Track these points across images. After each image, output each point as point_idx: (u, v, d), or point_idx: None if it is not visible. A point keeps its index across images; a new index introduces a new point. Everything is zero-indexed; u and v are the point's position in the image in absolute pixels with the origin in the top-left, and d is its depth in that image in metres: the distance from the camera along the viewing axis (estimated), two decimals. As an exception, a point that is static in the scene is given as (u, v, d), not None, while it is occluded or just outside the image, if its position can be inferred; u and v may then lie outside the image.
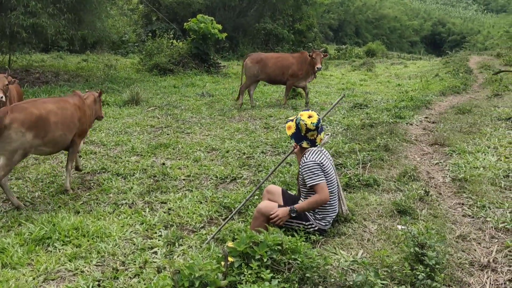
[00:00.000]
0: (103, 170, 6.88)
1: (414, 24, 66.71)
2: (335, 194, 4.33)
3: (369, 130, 8.19)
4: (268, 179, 5.83)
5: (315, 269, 3.39)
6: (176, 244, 4.60)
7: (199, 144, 7.99)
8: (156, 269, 4.01)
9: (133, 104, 11.88)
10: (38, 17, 13.38)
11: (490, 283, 3.65)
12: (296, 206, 4.14)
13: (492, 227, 4.62)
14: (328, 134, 4.41)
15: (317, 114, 4.35)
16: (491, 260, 3.95)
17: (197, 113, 10.87)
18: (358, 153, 6.62)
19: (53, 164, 7.13)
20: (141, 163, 7.11)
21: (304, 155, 4.24)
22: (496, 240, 4.37)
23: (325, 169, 4.15)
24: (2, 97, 6.98)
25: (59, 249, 4.63)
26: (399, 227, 4.30)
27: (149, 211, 5.54)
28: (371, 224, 4.57)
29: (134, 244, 4.77)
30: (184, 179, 6.50)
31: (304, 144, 4.26)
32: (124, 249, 4.69)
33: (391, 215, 4.75)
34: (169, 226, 5.14)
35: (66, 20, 14.66)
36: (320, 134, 4.30)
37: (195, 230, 5.14)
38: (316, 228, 4.30)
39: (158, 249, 4.68)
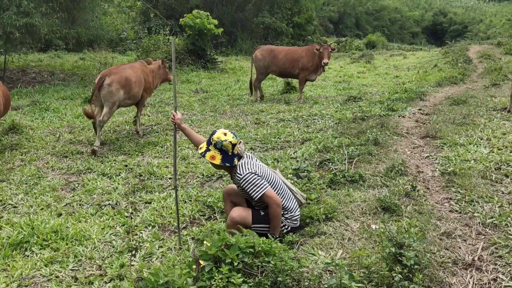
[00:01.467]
0: (89, 170, 6.79)
1: (415, 15, 66.19)
2: (286, 191, 4.24)
3: (360, 124, 8.05)
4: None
5: (288, 272, 3.27)
6: (137, 249, 4.50)
7: (187, 142, 7.87)
8: (118, 277, 3.90)
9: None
10: (31, 17, 13.27)
11: (473, 282, 3.52)
12: (271, 232, 4.04)
13: (479, 222, 4.48)
14: (241, 141, 4.22)
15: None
16: (476, 258, 3.81)
17: (189, 110, 10.76)
18: (345, 148, 6.48)
19: (39, 165, 7.03)
20: (128, 162, 7.01)
21: (237, 171, 4.07)
22: (483, 236, 4.24)
23: (261, 173, 4.03)
24: None
25: (36, 254, 4.55)
26: (373, 226, 4.17)
27: (132, 212, 5.45)
28: (353, 223, 4.44)
29: (113, 247, 4.68)
30: (170, 178, 6.40)
31: (236, 161, 4.07)
32: (103, 252, 4.60)
33: (375, 212, 4.61)
34: (150, 227, 5.05)
35: (59, 19, 14.54)
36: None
37: (176, 231, 5.03)
38: (289, 228, 4.22)
39: (138, 251, 4.59)
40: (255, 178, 3.94)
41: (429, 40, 60.27)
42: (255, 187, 3.94)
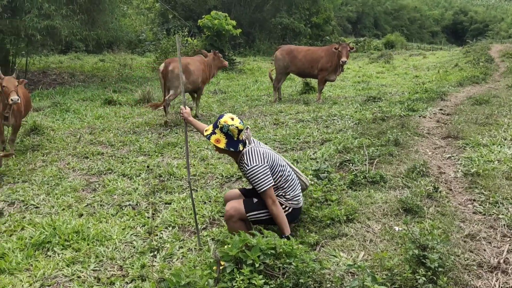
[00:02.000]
0: (109, 171, 6.83)
1: (434, 14, 65.51)
2: (291, 172, 4.18)
3: (380, 124, 7.96)
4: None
5: (310, 274, 3.25)
6: (159, 250, 4.50)
7: (206, 142, 7.88)
8: (140, 278, 3.91)
9: (145, 103, 11.85)
10: (52, 19, 13.47)
11: (499, 286, 3.45)
12: (282, 233, 3.95)
13: (504, 224, 4.39)
14: (248, 127, 4.15)
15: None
16: (501, 261, 3.74)
17: (207, 110, 10.78)
18: (365, 148, 6.41)
19: (60, 166, 7.10)
20: (148, 163, 7.04)
21: (244, 160, 3.98)
22: (508, 239, 4.15)
23: (269, 161, 3.96)
24: (18, 99, 6.98)
25: (58, 254, 4.58)
26: (396, 228, 4.11)
27: (152, 213, 5.46)
28: (374, 224, 4.39)
29: (134, 247, 4.69)
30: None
31: (240, 147, 3.97)
32: (124, 252, 4.62)
33: (396, 213, 4.56)
34: (170, 228, 5.06)
35: (80, 21, 14.76)
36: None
37: (196, 231, 5.04)
38: (290, 209, 4.13)
39: (158, 252, 4.60)
40: (261, 172, 3.86)
41: (449, 40, 59.64)
42: (260, 182, 3.87)
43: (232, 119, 3.92)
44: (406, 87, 13.22)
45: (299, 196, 4.20)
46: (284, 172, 4.09)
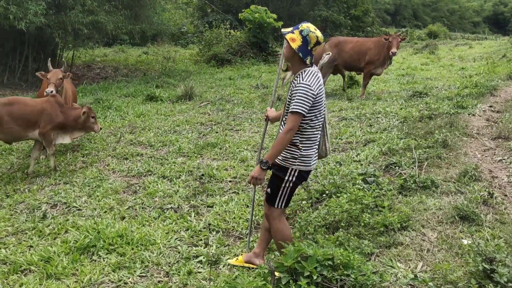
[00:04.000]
0: (149, 173, 6.77)
1: (473, 5, 64.01)
2: (319, 128, 3.71)
3: (427, 123, 7.64)
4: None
5: (370, 287, 3.08)
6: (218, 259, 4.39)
7: (246, 143, 7.75)
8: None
9: (186, 99, 11.78)
10: (96, 14, 13.67)
11: None
12: (265, 157, 3.59)
13: None
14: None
15: None
16: None
17: (249, 107, 10.62)
18: (414, 151, 6.14)
19: (100, 167, 7.09)
20: (187, 165, 6.95)
21: (301, 75, 3.59)
22: None
23: (318, 98, 3.53)
24: (52, 92, 7.01)
25: (103, 258, 4.55)
26: (464, 241, 3.86)
27: (194, 216, 5.37)
28: (430, 232, 4.17)
29: (179, 253, 4.62)
30: (230, 181, 6.30)
31: (308, 60, 3.59)
32: (169, 258, 4.54)
33: (452, 221, 4.31)
34: (214, 232, 4.95)
35: (123, 16, 14.95)
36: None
37: (241, 236, 4.93)
38: (296, 173, 3.68)
39: (203, 257, 4.51)
40: (308, 95, 3.46)
41: (492, 30, 58.05)
42: (298, 101, 3.44)
43: (315, 29, 3.59)
44: (452, 81, 12.76)
45: (311, 157, 3.70)
46: (315, 122, 3.63)
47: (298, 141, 3.62)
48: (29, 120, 6.57)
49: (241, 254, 4.46)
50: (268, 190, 3.82)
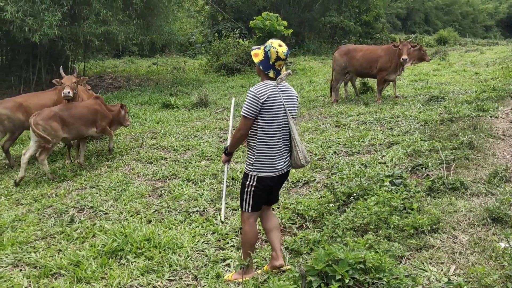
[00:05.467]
0: (174, 176, 6.81)
1: (488, 7, 63.46)
2: (278, 137, 3.90)
3: (449, 126, 7.59)
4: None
5: (403, 290, 3.07)
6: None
7: (268, 146, 7.75)
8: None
9: (202, 106, 11.86)
10: (109, 25, 13.79)
11: None
12: (228, 147, 4.11)
13: None
14: (289, 71, 4.02)
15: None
16: None
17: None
18: (440, 152, 6.10)
19: (125, 171, 7.14)
20: (211, 168, 6.98)
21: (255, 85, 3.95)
22: None
23: (265, 106, 3.77)
24: (69, 92, 7.34)
25: (131, 262, 4.58)
26: (502, 245, 3.83)
27: (220, 219, 5.38)
28: (461, 234, 4.14)
29: (207, 256, 4.63)
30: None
31: (271, 74, 3.89)
32: (196, 261, 4.56)
33: (484, 223, 4.27)
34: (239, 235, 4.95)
35: (135, 26, 15.07)
36: (285, 66, 4.01)
37: (268, 240, 4.92)
38: (254, 180, 3.92)
39: (231, 261, 4.52)
40: (250, 100, 3.78)
41: (504, 34, 57.56)
42: (244, 106, 3.81)
43: (280, 45, 3.88)
44: (468, 85, 12.67)
45: (269, 165, 3.91)
46: (270, 129, 3.86)
47: (254, 144, 3.91)
48: (88, 120, 7.49)
49: (269, 258, 4.46)
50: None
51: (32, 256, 4.77)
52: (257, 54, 3.93)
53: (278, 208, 5.53)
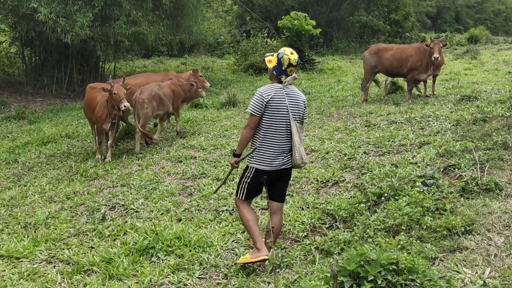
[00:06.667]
0: (203, 175, 6.84)
1: (521, 5, 61.92)
2: (279, 136, 4.23)
3: (482, 126, 7.44)
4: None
5: (437, 292, 3.02)
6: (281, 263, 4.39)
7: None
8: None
9: (230, 106, 11.88)
10: (139, 25, 13.96)
11: None
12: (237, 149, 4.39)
13: None
14: (295, 75, 4.36)
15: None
16: None
17: (294, 112, 10.60)
18: (473, 152, 5.98)
19: (155, 170, 7.22)
20: (241, 167, 6.97)
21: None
22: None
23: (269, 104, 4.17)
24: (129, 106, 7.67)
25: (162, 260, 4.63)
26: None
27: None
28: (496, 236, 4.05)
29: (236, 255, 4.65)
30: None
31: (283, 78, 4.28)
32: (226, 260, 4.58)
33: (519, 225, 4.19)
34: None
35: (165, 26, 15.22)
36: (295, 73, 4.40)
37: (298, 239, 4.92)
38: (252, 171, 4.30)
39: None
40: (257, 99, 4.18)
41: (538, 32, 56.13)
42: (251, 104, 4.21)
43: (292, 53, 4.28)
44: (501, 84, 12.40)
45: (268, 159, 4.24)
46: (271, 125, 4.21)
47: (257, 139, 4.28)
48: (171, 98, 8.74)
49: (299, 257, 4.45)
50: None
51: (65, 252, 4.86)
52: (271, 61, 4.31)
53: (307, 207, 5.51)
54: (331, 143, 7.68)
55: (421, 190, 4.94)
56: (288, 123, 4.21)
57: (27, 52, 16.63)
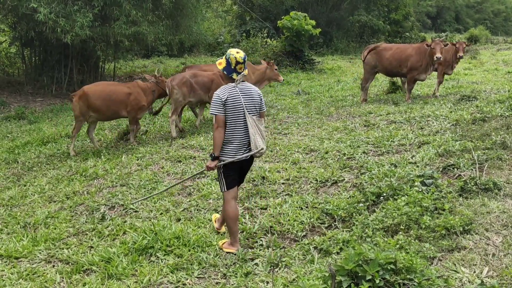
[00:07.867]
0: (202, 175, 6.84)
1: (521, 3, 61.94)
2: (240, 130, 4.55)
3: (481, 125, 7.46)
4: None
5: (434, 291, 3.03)
6: (279, 262, 4.39)
7: (297, 145, 7.74)
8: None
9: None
10: (139, 25, 13.97)
11: None
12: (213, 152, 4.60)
13: None
14: (243, 72, 4.63)
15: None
16: None
17: (293, 112, 10.62)
18: (472, 152, 5.99)
19: (155, 170, 7.22)
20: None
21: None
22: None
23: (229, 103, 4.47)
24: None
25: (161, 259, 4.64)
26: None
27: (249, 218, 5.41)
28: (494, 236, 4.06)
29: (235, 255, 4.65)
30: (283, 183, 6.29)
31: (234, 76, 4.59)
32: (225, 259, 4.58)
33: (517, 225, 4.20)
34: (269, 234, 4.96)
35: (165, 26, 15.25)
36: (245, 69, 4.68)
37: (297, 239, 4.92)
38: (222, 164, 4.59)
39: (260, 259, 4.52)
40: (216, 101, 4.48)
41: (536, 32, 56.16)
42: (211, 107, 4.51)
43: (237, 52, 4.62)
44: (500, 84, 12.42)
45: (232, 151, 4.57)
46: (231, 122, 4.52)
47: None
48: (206, 87, 9.20)
49: (298, 257, 4.46)
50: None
51: (65, 252, 4.88)
52: (221, 63, 4.65)
53: (306, 207, 5.52)
54: (330, 142, 7.69)
55: (420, 190, 4.95)
56: (241, 117, 4.54)
57: (27, 52, 16.65)
